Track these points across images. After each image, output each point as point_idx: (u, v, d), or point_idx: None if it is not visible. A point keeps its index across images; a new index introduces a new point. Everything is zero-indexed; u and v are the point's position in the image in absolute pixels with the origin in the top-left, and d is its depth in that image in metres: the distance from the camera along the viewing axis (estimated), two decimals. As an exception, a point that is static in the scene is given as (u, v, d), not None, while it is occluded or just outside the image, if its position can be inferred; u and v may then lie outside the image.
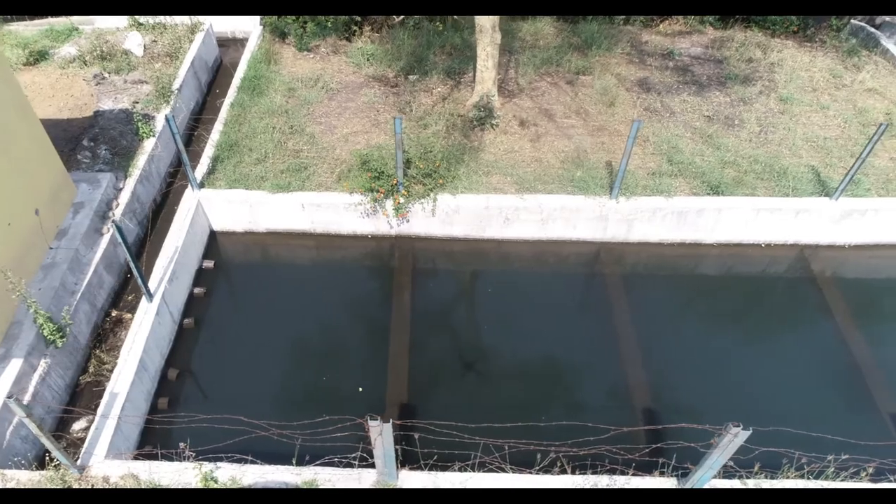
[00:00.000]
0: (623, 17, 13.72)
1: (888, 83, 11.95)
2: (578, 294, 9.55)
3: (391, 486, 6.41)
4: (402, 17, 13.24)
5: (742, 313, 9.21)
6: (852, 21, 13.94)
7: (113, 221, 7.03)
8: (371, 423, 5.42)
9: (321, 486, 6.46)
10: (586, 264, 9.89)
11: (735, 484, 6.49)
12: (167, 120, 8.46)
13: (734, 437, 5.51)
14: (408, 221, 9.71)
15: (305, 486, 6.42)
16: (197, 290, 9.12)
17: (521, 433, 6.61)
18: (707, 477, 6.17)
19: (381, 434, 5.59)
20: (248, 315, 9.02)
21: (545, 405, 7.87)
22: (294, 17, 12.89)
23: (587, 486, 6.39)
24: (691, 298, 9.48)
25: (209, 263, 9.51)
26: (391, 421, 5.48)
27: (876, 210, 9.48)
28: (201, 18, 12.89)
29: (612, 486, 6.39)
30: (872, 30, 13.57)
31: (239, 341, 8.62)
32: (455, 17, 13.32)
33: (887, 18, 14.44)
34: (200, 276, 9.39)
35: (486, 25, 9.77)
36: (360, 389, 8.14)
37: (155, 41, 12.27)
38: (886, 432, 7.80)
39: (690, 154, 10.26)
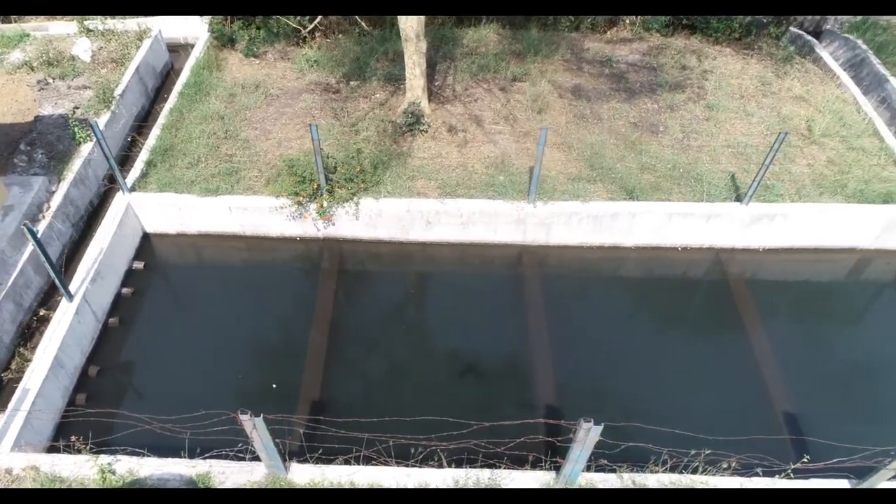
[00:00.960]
0: (568, 23, 14.01)
1: (816, 91, 12.25)
2: (497, 295, 9.83)
3: (281, 481, 6.71)
4: (352, 22, 13.58)
5: (653, 315, 9.51)
6: (791, 29, 14.25)
7: (24, 224, 7.33)
8: (242, 417, 5.72)
9: (215, 478, 6.76)
10: (508, 266, 10.19)
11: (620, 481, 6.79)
12: (91, 125, 8.76)
13: (587, 433, 5.81)
14: (333, 224, 10.02)
15: (199, 479, 6.72)
16: (125, 290, 9.42)
17: (418, 428, 6.88)
18: (577, 470, 6.47)
19: (255, 427, 5.88)
20: (173, 314, 9.34)
21: (452, 402, 8.16)
22: (243, 24, 13.20)
23: (468, 480, 6.69)
24: (607, 300, 9.78)
25: (139, 264, 9.81)
26: (262, 415, 5.78)
27: (784, 215, 9.77)
28: (150, 24, 13.20)
29: (492, 481, 6.69)
30: (809, 38, 13.88)
31: (163, 340, 8.93)
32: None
33: (828, 26, 14.78)
34: (130, 277, 9.70)
35: (411, 34, 10.07)
36: (274, 386, 8.45)
37: (103, 47, 12.58)
38: (777, 428, 8.10)
39: (612, 160, 10.56)
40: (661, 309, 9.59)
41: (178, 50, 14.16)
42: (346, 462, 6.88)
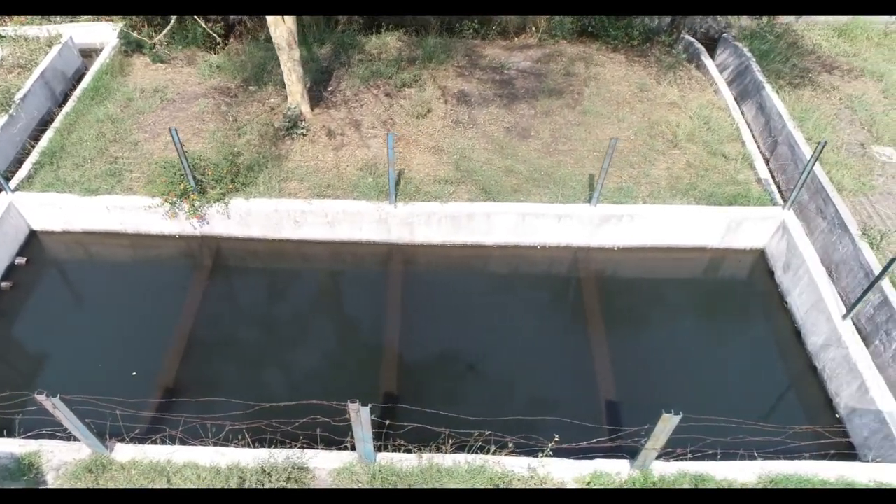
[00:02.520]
0: (473, 30, 14.56)
1: (691, 97, 12.82)
2: (361, 291, 10.39)
3: (103, 459, 7.26)
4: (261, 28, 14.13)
5: (503, 310, 10.04)
6: (686, 36, 14.82)
7: None
8: (39, 397, 6.27)
9: (43, 457, 7.31)
10: (376, 263, 10.73)
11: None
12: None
13: (358, 414, 6.38)
14: (208, 223, 10.57)
15: (28, 457, 7.27)
16: (4, 283, 9.98)
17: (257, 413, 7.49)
18: (368, 449, 7.03)
19: (56, 408, 6.44)
20: (47, 307, 9.88)
21: (290, 388, 8.75)
22: (155, 29, 13.75)
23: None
24: (463, 296, 10.31)
25: (21, 260, 10.36)
26: (59, 395, 6.33)
27: (631, 216, 10.33)
28: (61, 30, 13.76)
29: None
30: (699, 45, 14.45)
31: (34, 331, 9.49)
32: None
33: (724, 34, 15.34)
34: (11, 272, 10.25)
35: (283, 44, 10.62)
36: (134, 374, 9.00)
37: (12, 53, 13.13)
38: (598, 416, 8.65)
39: (479, 163, 11.11)
40: (513, 304, 10.14)
41: (92, 55, 14.65)
42: (163, 442, 7.43)
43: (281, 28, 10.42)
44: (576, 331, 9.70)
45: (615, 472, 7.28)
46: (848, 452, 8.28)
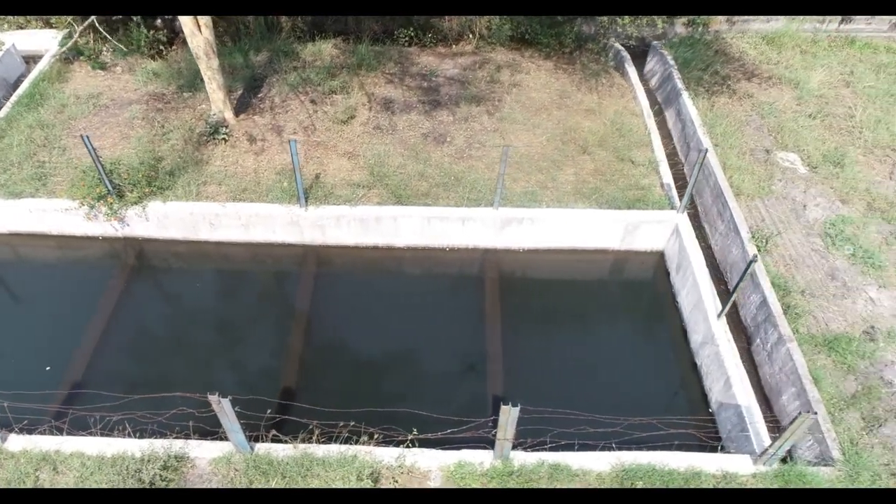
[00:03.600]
0: (409, 38, 14.99)
1: (609, 104, 13.27)
2: (273, 291, 10.85)
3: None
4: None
5: (411, 311, 10.50)
6: (617, 45, 15.27)
7: None
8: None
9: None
10: (291, 264, 11.17)
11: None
12: None
13: (219, 405, 6.82)
14: (128, 225, 11.01)
15: None
16: (-71, 283, 10.44)
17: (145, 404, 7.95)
18: (241, 439, 7.46)
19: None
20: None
21: (193, 382, 9.17)
22: (97, 36, 14.18)
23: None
24: (372, 296, 10.75)
25: (-54, 260, 10.82)
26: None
27: (532, 219, 10.78)
28: (3, 38, 14.19)
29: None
30: (625, 53, 14.90)
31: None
32: (239, 37, 14.64)
33: (655, 42, 15.79)
34: (-63, 272, 10.71)
35: (200, 53, 11.06)
36: (48, 368, 9.45)
37: (-47, 60, 13.58)
38: (484, 410, 9.08)
39: (393, 167, 11.55)
40: (418, 304, 10.59)
41: (37, 61, 15.09)
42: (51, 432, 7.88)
43: (198, 38, 10.86)
44: (474, 329, 10.13)
45: (478, 461, 7.72)
46: (715, 444, 8.71)
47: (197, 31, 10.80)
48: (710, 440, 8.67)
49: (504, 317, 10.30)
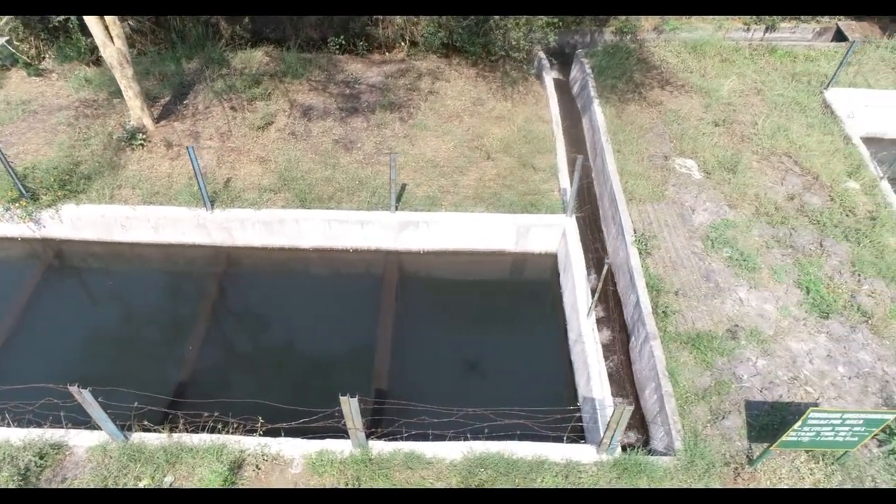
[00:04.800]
0: (339, 46, 15.50)
1: (520, 111, 13.78)
2: (181, 291, 11.35)
3: None
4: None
5: (309, 310, 11.01)
6: (539, 53, 15.78)
7: None
8: None
9: None
10: (201, 265, 11.68)
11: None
12: None
13: (81, 395, 7.33)
14: (44, 227, 11.53)
15: None
16: None
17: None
18: (112, 428, 7.98)
19: None
20: None
21: (88, 372, 9.69)
22: (40, 43, 14.72)
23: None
24: (274, 295, 11.27)
25: None
26: None
27: (427, 222, 11.29)
28: (-58, 46, 14.72)
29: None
30: (545, 61, 15.41)
31: None
32: (172, 43, 15.15)
33: (579, 50, 16.31)
34: None
35: (115, 63, 11.58)
36: (-45, 364, 9.97)
37: None
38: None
39: (302, 172, 12.07)
40: (318, 304, 11.11)
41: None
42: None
43: (110, 49, 11.38)
44: (368, 327, 10.64)
45: (339, 450, 8.23)
46: (580, 435, 9.23)
47: (109, 42, 11.32)
48: (575, 431, 9.20)
49: (397, 315, 10.81)
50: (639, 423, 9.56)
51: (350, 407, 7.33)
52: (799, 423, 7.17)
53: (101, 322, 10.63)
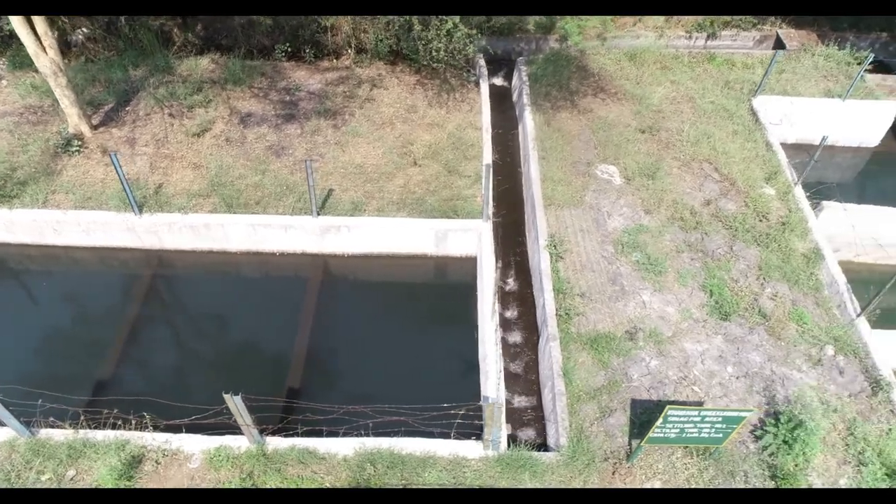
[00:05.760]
0: (284, 53, 15.87)
1: (453, 118, 14.16)
2: (109, 292, 11.71)
3: None
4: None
5: (232, 311, 11.40)
6: (480, 60, 16.15)
7: None
8: None
9: None
10: (131, 268, 12.05)
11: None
12: None
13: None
14: (-23, 230, 11.91)
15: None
16: None
17: None
18: (16, 424, 8.35)
19: None
20: None
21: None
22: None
23: None
24: (201, 296, 11.67)
25: None
26: None
27: (349, 227, 11.67)
28: None
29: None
30: (483, 69, 15.79)
31: None
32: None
33: (520, 58, 16.69)
34: None
35: (48, 72, 11.95)
36: None
37: None
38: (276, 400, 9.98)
39: (233, 178, 12.45)
40: (241, 305, 11.49)
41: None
42: None
43: (43, 59, 11.76)
44: (288, 329, 11.01)
45: (237, 445, 8.61)
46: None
47: (41, 52, 11.69)
48: (476, 429, 9.58)
49: (317, 317, 11.19)
50: (540, 420, 9.95)
51: (235, 404, 7.71)
52: (660, 420, 7.56)
53: (26, 323, 11.00)
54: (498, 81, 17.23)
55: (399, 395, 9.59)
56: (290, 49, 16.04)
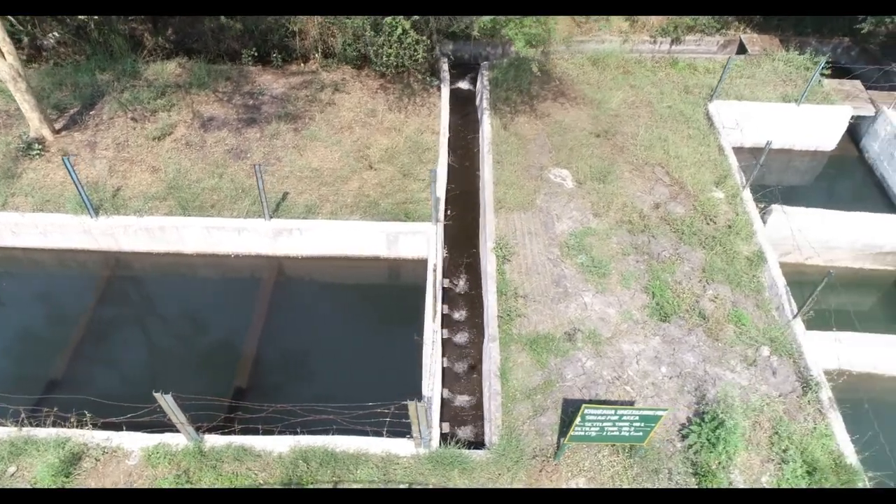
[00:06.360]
0: (252, 58, 16.08)
1: (412, 122, 14.38)
2: (66, 292, 11.95)
3: None
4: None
5: (186, 311, 11.63)
6: (443, 65, 16.39)
7: None
8: None
9: None
10: (89, 269, 12.28)
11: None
12: None
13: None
14: (-61, 233, 12.14)
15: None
16: None
17: None
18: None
19: None
20: None
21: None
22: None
23: None
24: (155, 298, 11.90)
25: None
26: None
27: (301, 230, 11.89)
28: None
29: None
30: (445, 74, 16.02)
31: None
32: (92, 53, 15.76)
33: (484, 62, 16.91)
34: None
35: (7, 77, 12.18)
36: None
37: None
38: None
39: (191, 181, 12.67)
40: (195, 306, 11.72)
41: None
42: None
43: (1, 65, 11.99)
44: (239, 329, 11.25)
45: (175, 443, 8.84)
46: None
47: (0, 58, 11.92)
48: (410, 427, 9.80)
49: (269, 318, 11.42)
50: (480, 419, 10.17)
51: (167, 403, 7.93)
52: (578, 418, 7.78)
53: (-16, 323, 11.25)
54: (464, 86, 17.44)
55: (342, 394, 9.85)
56: (257, 53, 16.25)
